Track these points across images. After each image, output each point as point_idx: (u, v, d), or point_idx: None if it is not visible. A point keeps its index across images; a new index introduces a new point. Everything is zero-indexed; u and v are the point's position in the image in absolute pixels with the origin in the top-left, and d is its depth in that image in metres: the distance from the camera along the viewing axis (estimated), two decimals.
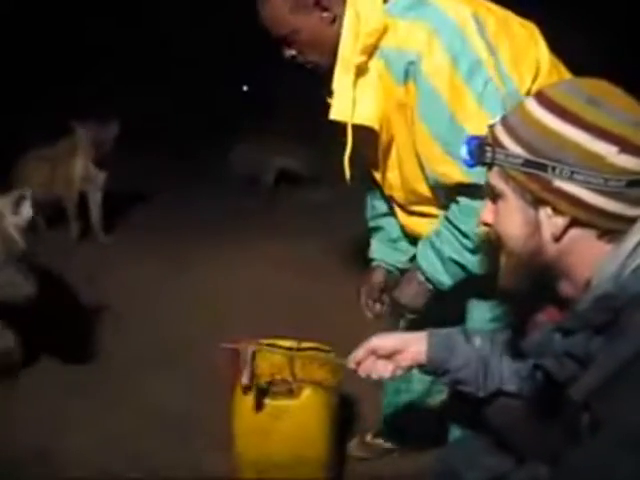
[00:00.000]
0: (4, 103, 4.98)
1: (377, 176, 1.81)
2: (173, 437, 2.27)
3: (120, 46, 6.62)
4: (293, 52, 1.64)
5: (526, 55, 1.60)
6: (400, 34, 1.52)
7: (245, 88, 7.24)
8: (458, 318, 1.80)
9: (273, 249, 3.67)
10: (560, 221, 1.06)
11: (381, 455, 2.19)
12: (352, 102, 1.57)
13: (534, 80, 1.59)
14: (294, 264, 3.49)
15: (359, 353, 1.44)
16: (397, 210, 1.85)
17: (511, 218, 1.11)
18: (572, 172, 1.02)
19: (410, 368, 1.43)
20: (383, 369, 1.43)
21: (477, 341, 1.41)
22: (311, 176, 4.98)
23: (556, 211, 1.06)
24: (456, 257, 1.64)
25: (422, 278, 1.72)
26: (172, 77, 6.64)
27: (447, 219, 1.64)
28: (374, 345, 1.43)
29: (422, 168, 1.64)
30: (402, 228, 1.89)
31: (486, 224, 1.19)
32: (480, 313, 1.78)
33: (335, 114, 1.60)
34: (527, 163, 1.05)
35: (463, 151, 1.14)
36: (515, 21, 1.66)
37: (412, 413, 2.12)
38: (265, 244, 3.73)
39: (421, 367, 1.42)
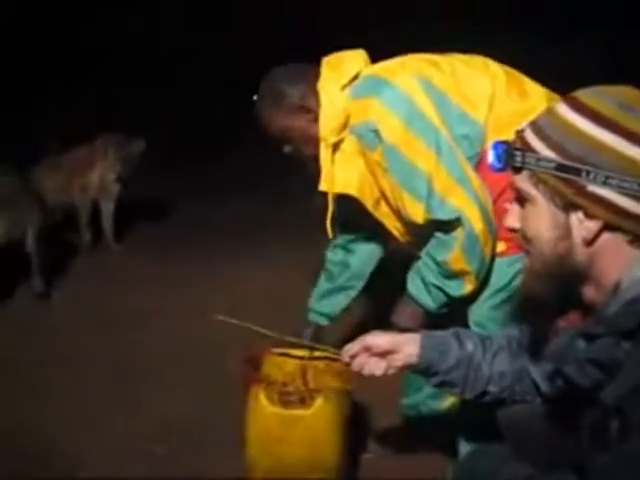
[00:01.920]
0: (7, 104, 5.01)
1: (393, 232, 2.03)
2: (184, 443, 2.28)
3: (121, 48, 6.65)
4: (289, 149, 1.97)
5: (476, 88, 1.83)
6: (361, 111, 1.82)
7: (255, 98, 7.24)
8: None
9: (291, 256, 3.67)
10: (592, 225, 1.05)
11: (397, 454, 2.21)
12: (332, 174, 1.89)
13: (491, 106, 1.82)
14: (308, 271, 3.49)
15: (353, 348, 1.47)
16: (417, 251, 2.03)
17: (540, 222, 1.10)
18: (606, 177, 1.02)
19: (402, 368, 1.46)
20: (375, 366, 1.46)
21: (469, 345, 1.43)
22: None
23: (588, 215, 1.05)
24: (436, 282, 1.85)
25: (413, 302, 1.92)
26: (173, 78, 6.66)
27: (427, 251, 1.88)
28: (368, 343, 1.46)
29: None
30: None
31: (512, 230, 1.18)
32: (481, 305, 1.90)
33: (323, 186, 1.92)
34: (560, 167, 1.05)
35: (490, 156, 1.14)
36: (459, 62, 1.89)
37: (432, 414, 2.15)
38: (281, 250, 3.73)
39: (413, 368, 1.45)
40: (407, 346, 1.44)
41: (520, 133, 1.12)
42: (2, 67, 5.63)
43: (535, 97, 1.83)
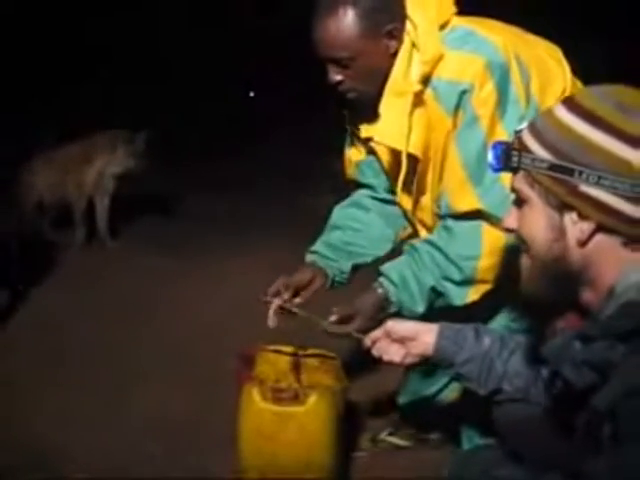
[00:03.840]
0: (5, 103, 4.99)
1: (405, 200, 1.81)
2: (180, 443, 2.26)
3: (120, 46, 6.64)
4: (340, 77, 1.62)
5: (552, 83, 1.65)
6: (453, 66, 1.56)
7: (252, 94, 7.26)
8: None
9: (281, 256, 3.66)
10: (585, 226, 1.05)
11: (392, 451, 2.18)
12: (407, 130, 1.58)
13: None
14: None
15: (376, 333, 1.51)
16: (422, 232, 1.85)
17: (536, 222, 1.11)
18: (599, 177, 1.02)
19: (420, 357, 1.47)
20: (395, 353, 1.48)
21: (486, 340, 1.43)
22: None
23: (581, 216, 1.05)
24: (437, 286, 1.65)
25: (384, 298, 1.69)
26: (173, 76, 6.66)
27: (436, 247, 1.65)
28: (389, 327, 1.49)
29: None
30: None
31: (509, 230, 1.19)
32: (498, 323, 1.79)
33: (386, 139, 1.63)
34: (553, 167, 1.05)
35: (489, 157, 1.15)
36: (542, 47, 1.72)
37: (429, 411, 2.12)
38: (277, 248, 3.73)
39: (428, 358, 1.47)
40: (425, 335, 1.46)
41: (518, 134, 1.13)
42: (1, 64, 5.61)
43: None
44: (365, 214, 1.92)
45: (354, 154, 1.90)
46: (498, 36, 1.59)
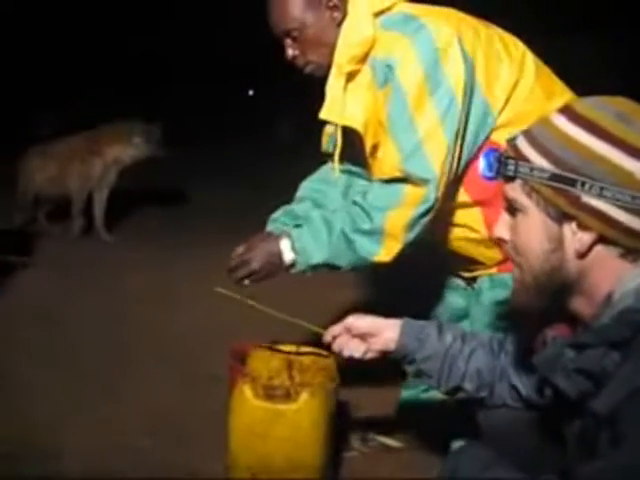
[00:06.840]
0: (5, 103, 5.00)
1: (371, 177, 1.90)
2: (167, 439, 2.25)
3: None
4: (296, 52, 1.76)
5: (500, 75, 1.71)
6: (385, 44, 1.69)
7: (251, 92, 7.28)
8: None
9: None
10: (586, 237, 1.04)
11: (382, 452, 2.18)
12: (342, 104, 1.72)
13: (508, 97, 1.70)
14: None
15: (336, 328, 1.51)
16: None
17: (533, 233, 1.09)
18: (601, 188, 1.01)
19: (382, 353, 1.48)
20: (355, 348, 1.49)
21: (449, 337, 1.44)
22: None
23: (582, 227, 1.04)
24: (348, 232, 1.71)
25: (283, 247, 1.78)
26: (172, 75, 6.67)
27: (357, 199, 1.73)
28: (349, 323, 1.49)
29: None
30: None
31: (501, 239, 1.16)
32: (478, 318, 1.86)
33: (325, 114, 1.77)
34: (555, 177, 1.04)
35: (481, 165, 1.12)
36: (498, 38, 1.76)
37: (427, 412, 2.14)
38: None
39: (390, 353, 1.47)
40: (387, 331, 1.46)
41: (512, 142, 1.11)
42: (3, 65, 5.62)
43: (560, 100, 1.70)
44: (328, 188, 2.02)
45: (329, 128, 1.97)
46: (439, 23, 1.68)
